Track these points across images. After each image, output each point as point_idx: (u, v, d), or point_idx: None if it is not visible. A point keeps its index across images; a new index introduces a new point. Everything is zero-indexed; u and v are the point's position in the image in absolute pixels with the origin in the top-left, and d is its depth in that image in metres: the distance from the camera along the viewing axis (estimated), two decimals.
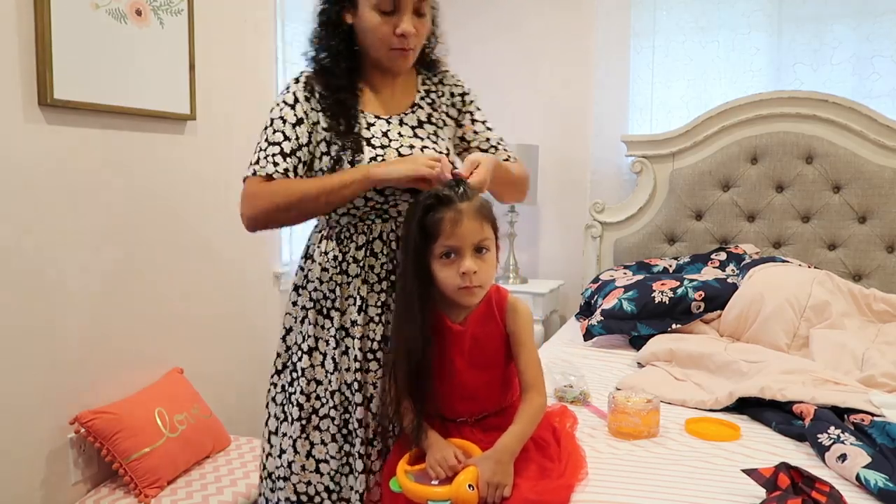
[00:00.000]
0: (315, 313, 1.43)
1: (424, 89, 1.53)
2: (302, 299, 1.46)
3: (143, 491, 1.78)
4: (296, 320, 1.46)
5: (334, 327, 1.41)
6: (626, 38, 3.09)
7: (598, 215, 3.13)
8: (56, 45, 1.72)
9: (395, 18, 1.34)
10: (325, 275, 1.42)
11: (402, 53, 1.38)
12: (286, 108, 1.38)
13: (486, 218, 1.26)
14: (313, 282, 1.44)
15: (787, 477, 1.18)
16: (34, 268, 1.73)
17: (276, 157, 1.36)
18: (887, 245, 2.69)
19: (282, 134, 1.37)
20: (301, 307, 1.45)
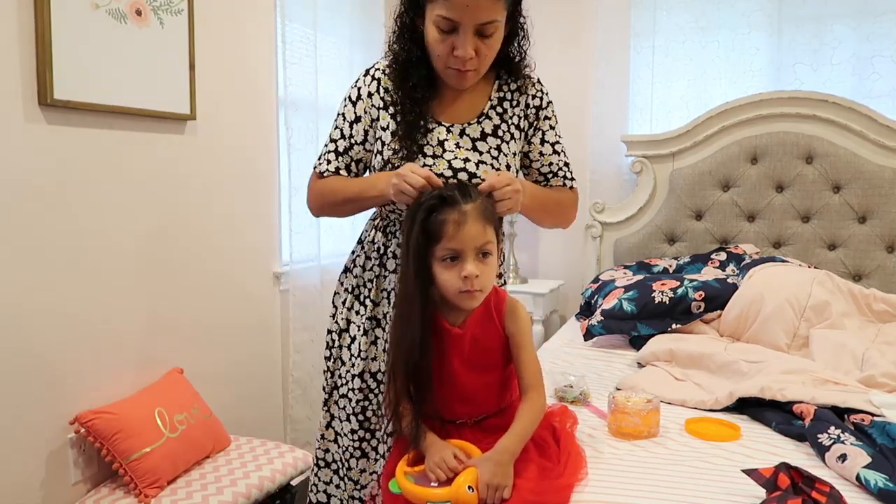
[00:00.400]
0: (353, 298, 1.53)
1: (498, 97, 1.48)
2: (347, 282, 1.56)
3: (143, 491, 1.78)
4: (341, 302, 1.57)
5: (366, 315, 1.50)
6: (626, 38, 3.09)
7: (598, 215, 3.13)
8: (56, 45, 1.72)
9: (453, 37, 1.30)
10: (369, 263, 1.52)
11: (459, 73, 1.35)
12: (348, 105, 1.46)
13: (489, 221, 1.24)
14: (357, 268, 1.54)
15: (787, 477, 1.18)
16: (33, 267, 1.73)
17: (329, 156, 1.47)
18: (887, 245, 2.69)
19: (339, 131, 1.46)
20: (345, 289, 1.56)
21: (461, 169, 1.39)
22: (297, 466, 2.09)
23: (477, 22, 1.27)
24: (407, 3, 1.38)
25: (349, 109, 1.46)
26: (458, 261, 1.22)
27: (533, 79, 1.53)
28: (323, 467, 1.59)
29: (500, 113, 1.46)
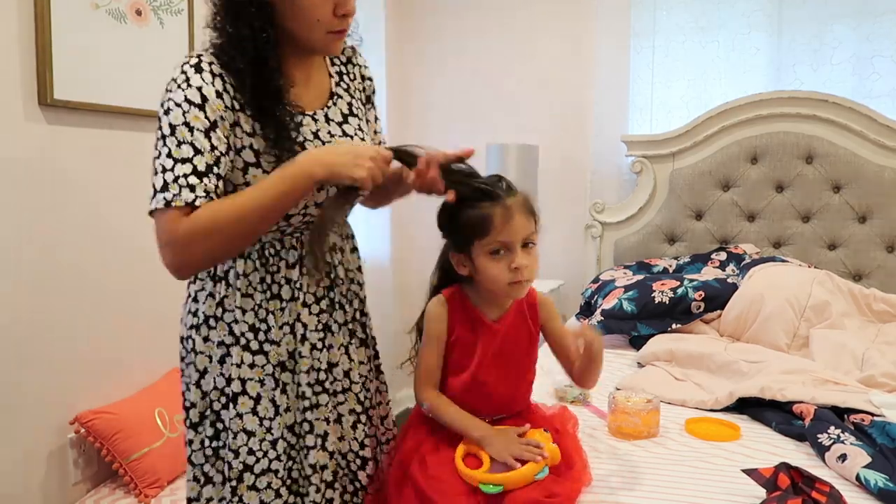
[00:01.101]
0: (241, 350, 1.18)
1: (336, 71, 1.31)
2: (217, 333, 1.19)
3: (143, 491, 1.78)
4: (211, 360, 1.19)
5: (270, 364, 1.19)
6: (626, 38, 3.09)
7: (598, 215, 3.13)
8: (56, 45, 1.72)
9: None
10: (250, 302, 1.18)
11: (340, 36, 1.18)
12: (192, 110, 1.08)
13: (532, 212, 1.26)
14: (232, 311, 1.18)
15: (788, 477, 1.18)
16: (34, 267, 1.73)
17: (189, 179, 1.06)
18: (887, 245, 2.69)
19: (191, 147, 1.07)
20: (217, 343, 1.19)
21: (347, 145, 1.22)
22: None
23: None
24: None
25: (195, 115, 1.07)
26: (507, 253, 1.23)
27: (356, 48, 1.38)
28: None
29: (345, 89, 1.30)
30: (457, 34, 3.42)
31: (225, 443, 1.19)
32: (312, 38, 1.16)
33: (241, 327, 1.18)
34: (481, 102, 3.40)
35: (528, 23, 3.29)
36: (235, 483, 1.18)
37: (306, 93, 1.23)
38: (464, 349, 1.31)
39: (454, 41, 3.43)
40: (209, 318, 1.20)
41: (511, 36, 3.32)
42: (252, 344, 1.19)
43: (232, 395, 1.18)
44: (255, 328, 1.19)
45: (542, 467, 1.18)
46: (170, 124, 1.09)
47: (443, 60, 3.47)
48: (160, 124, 1.10)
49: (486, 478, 1.16)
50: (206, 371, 1.20)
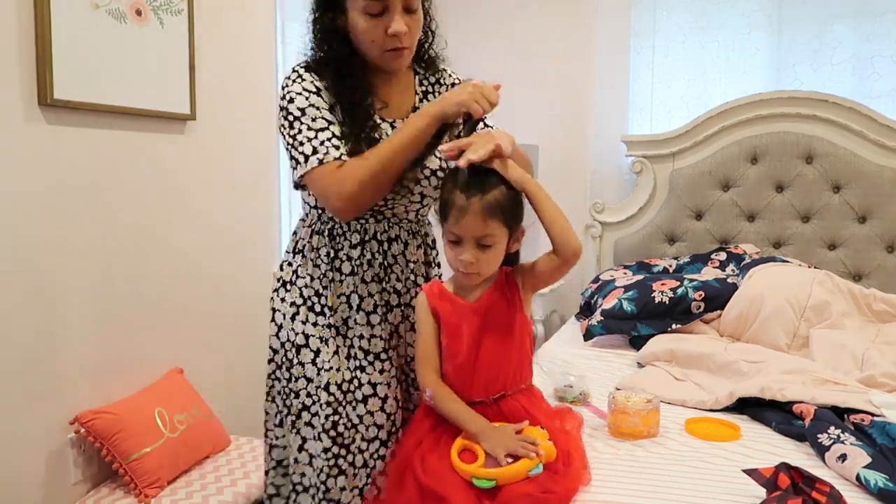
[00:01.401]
0: (306, 310, 1.42)
1: (422, 90, 1.51)
2: (291, 295, 1.44)
3: (143, 491, 1.78)
4: (285, 317, 1.44)
5: (325, 325, 1.40)
6: (626, 38, 3.09)
7: (598, 215, 3.13)
8: (56, 45, 1.71)
9: (385, 19, 1.30)
10: (317, 271, 1.42)
11: (397, 54, 1.34)
12: (313, 97, 1.32)
13: (493, 215, 1.26)
14: (304, 278, 1.43)
15: (788, 477, 1.18)
16: (34, 268, 1.73)
17: (332, 141, 1.29)
18: (887, 245, 2.69)
19: (323, 119, 1.31)
20: (290, 303, 1.43)
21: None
22: None
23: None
24: (325, 4, 1.36)
25: (317, 100, 1.32)
26: (460, 245, 1.29)
27: (447, 69, 1.57)
28: (301, 492, 1.43)
29: None
30: (457, 34, 3.40)
31: (291, 386, 1.43)
32: (374, 56, 1.35)
33: (308, 291, 1.42)
34: None
35: (528, 23, 3.29)
36: (295, 418, 1.42)
37: (389, 104, 1.41)
38: (452, 333, 1.33)
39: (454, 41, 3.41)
40: (286, 283, 1.46)
41: (511, 36, 3.32)
42: (315, 306, 1.42)
43: (297, 347, 1.41)
44: (318, 293, 1.42)
45: (537, 464, 1.18)
46: (298, 107, 1.32)
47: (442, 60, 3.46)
48: (287, 112, 1.33)
49: (480, 472, 1.17)
50: (282, 326, 1.45)
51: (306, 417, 1.41)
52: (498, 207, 1.27)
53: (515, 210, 1.32)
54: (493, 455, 1.20)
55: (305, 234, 1.45)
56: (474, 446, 1.24)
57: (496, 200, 1.27)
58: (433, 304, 1.36)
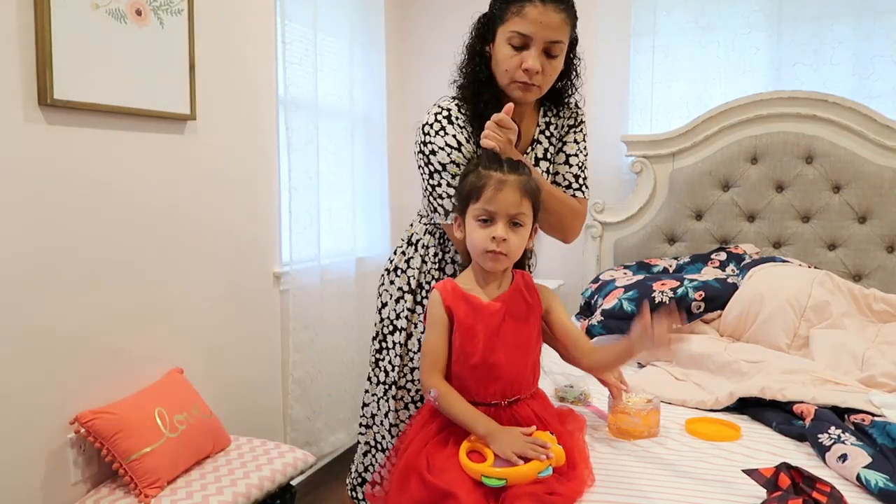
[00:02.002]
0: (412, 297, 1.65)
1: (545, 122, 1.64)
2: (400, 281, 1.68)
3: (143, 491, 1.78)
4: (391, 297, 1.69)
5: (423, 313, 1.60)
6: (626, 38, 3.09)
7: (598, 215, 3.13)
8: (56, 45, 1.71)
9: (524, 54, 1.44)
10: (425, 266, 1.64)
11: (523, 86, 1.47)
12: (454, 153, 1.50)
13: (528, 195, 1.32)
14: (413, 269, 1.65)
15: (788, 477, 1.18)
16: (34, 267, 1.73)
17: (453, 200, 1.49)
18: (887, 245, 2.69)
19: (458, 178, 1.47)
20: (398, 287, 1.67)
21: None
22: (296, 466, 2.08)
23: (547, 39, 1.43)
24: (479, 30, 1.55)
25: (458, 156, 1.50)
26: (492, 223, 1.31)
27: (575, 103, 1.68)
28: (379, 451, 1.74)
29: (548, 137, 1.63)
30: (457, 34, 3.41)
31: (384, 357, 1.71)
32: (503, 83, 1.51)
33: (414, 282, 1.65)
34: None
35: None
36: (387, 388, 1.70)
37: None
38: (467, 334, 1.32)
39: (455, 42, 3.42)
40: (397, 269, 1.69)
41: None
42: (417, 296, 1.65)
43: (400, 328, 1.67)
44: (422, 285, 1.65)
45: (547, 466, 1.18)
46: (440, 162, 1.52)
47: (443, 60, 3.45)
48: (428, 161, 1.53)
49: (490, 471, 1.17)
50: (385, 304, 1.71)
51: (394, 391, 1.68)
52: (530, 187, 1.33)
53: (539, 198, 1.38)
54: (505, 457, 1.20)
55: (420, 230, 1.67)
56: (482, 448, 1.24)
57: (528, 181, 1.34)
58: (447, 302, 1.35)
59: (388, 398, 1.71)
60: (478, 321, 1.32)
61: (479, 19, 1.56)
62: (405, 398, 1.70)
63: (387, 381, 1.71)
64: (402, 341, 1.67)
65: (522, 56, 1.45)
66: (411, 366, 1.68)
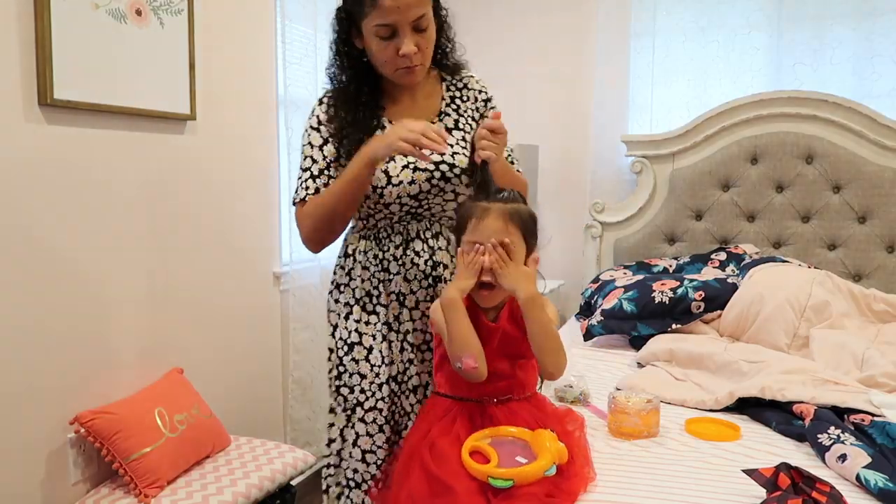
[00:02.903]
0: (360, 310, 1.53)
1: (449, 95, 1.59)
2: (345, 296, 1.56)
3: (143, 491, 1.78)
4: (339, 317, 1.56)
5: (380, 322, 1.52)
6: (626, 39, 3.09)
7: (598, 215, 3.13)
8: (56, 45, 1.71)
9: (396, 41, 1.40)
10: (366, 273, 1.53)
11: (408, 71, 1.44)
12: (313, 133, 1.50)
13: (512, 221, 1.30)
14: (356, 279, 1.54)
15: (788, 477, 1.18)
16: (33, 267, 1.73)
17: (307, 182, 1.48)
18: (887, 245, 2.69)
19: (310, 159, 1.49)
20: (344, 304, 1.56)
21: (440, 162, 1.47)
22: (297, 466, 2.08)
23: (411, 19, 1.38)
24: (340, 28, 1.48)
25: (314, 136, 1.50)
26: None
27: (474, 76, 1.66)
28: (353, 487, 1.55)
29: (455, 109, 1.58)
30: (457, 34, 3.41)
31: (344, 381, 1.54)
32: (388, 74, 1.46)
33: (360, 292, 1.53)
34: None
35: (528, 23, 3.29)
36: (350, 413, 1.53)
37: (413, 110, 1.52)
38: None
39: None
40: (340, 285, 1.57)
41: (511, 36, 3.32)
42: (367, 306, 1.53)
43: (351, 345, 1.53)
44: (370, 294, 1.53)
45: (552, 465, 1.18)
46: (301, 144, 1.52)
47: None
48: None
49: (496, 472, 1.17)
50: (336, 326, 1.57)
51: (360, 413, 1.52)
52: (518, 216, 1.31)
53: (533, 227, 1.35)
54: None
55: (353, 240, 1.57)
56: (485, 447, 1.24)
57: (516, 210, 1.32)
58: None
59: (352, 424, 1.52)
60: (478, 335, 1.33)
61: (338, 15, 1.48)
62: (377, 420, 1.51)
63: (348, 407, 1.53)
64: (361, 357, 1.52)
65: (395, 43, 1.40)
66: (378, 382, 1.51)
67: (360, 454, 1.52)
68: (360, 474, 1.53)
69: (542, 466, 1.17)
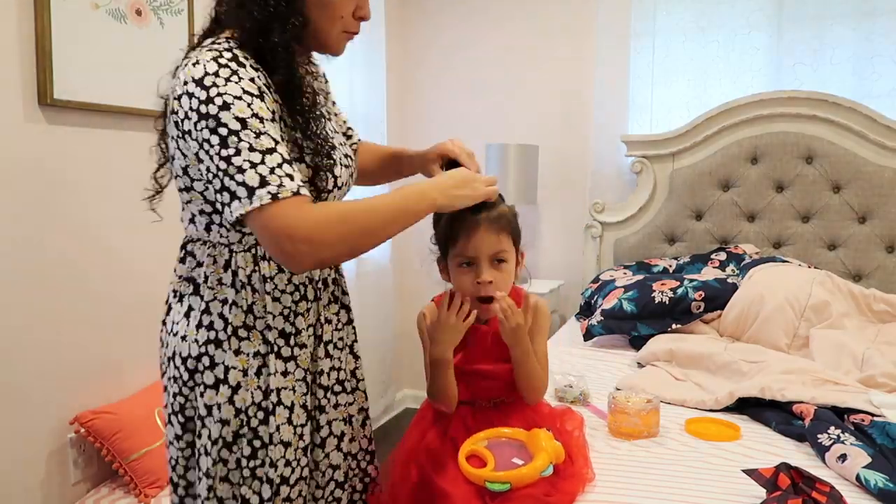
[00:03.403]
0: (275, 359, 1.12)
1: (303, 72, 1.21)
2: (250, 344, 1.12)
3: (143, 491, 1.78)
4: (246, 374, 1.11)
5: (301, 368, 1.16)
6: (626, 39, 3.08)
7: (598, 215, 3.13)
8: (56, 45, 1.72)
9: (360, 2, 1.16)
10: (278, 306, 1.13)
11: (350, 37, 1.19)
12: (255, 101, 1.02)
13: (503, 229, 1.27)
14: (264, 318, 1.12)
15: (788, 477, 1.18)
16: (34, 267, 1.73)
17: (283, 168, 1.00)
18: (887, 245, 2.69)
19: (269, 138, 1.01)
20: (253, 354, 1.12)
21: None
22: None
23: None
24: None
25: (260, 106, 1.02)
26: (473, 266, 1.27)
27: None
28: None
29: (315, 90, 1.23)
30: (457, 34, 3.42)
31: (263, 461, 1.12)
32: (331, 33, 1.15)
33: (273, 334, 1.12)
34: (481, 102, 3.40)
35: (528, 23, 3.29)
36: (273, 495, 1.12)
37: None
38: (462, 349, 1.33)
39: (455, 41, 3.43)
40: (238, 329, 1.12)
41: (511, 36, 3.32)
42: (283, 350, 1.14)
43: (271, 408, 1.12)
44: (286, 333, 1.14)
45: (548, 465, 1.18)
46: (236, 118, 0.99)
47: (443, 60, 3.47)
48: (218, 122, 0.99)
49: (494, 476, 1.16)
50: (238, 386, 1.11)
51: (285, 492, 1.13)
52: (506, 221, 1.28)
53: (518, 226, 1.33)
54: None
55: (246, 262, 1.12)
56: (481, 451, 1.23)
57: (502, 215, 1.28)
58: None
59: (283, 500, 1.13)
60: (468, 339, 1.32)
61: None
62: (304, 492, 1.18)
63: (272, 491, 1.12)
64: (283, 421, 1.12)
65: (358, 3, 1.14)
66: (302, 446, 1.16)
67: None
68: None
69: (539, 467, 1.17)
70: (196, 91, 1.01)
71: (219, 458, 1.12)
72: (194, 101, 1.01)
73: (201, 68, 1.02)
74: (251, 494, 1.13)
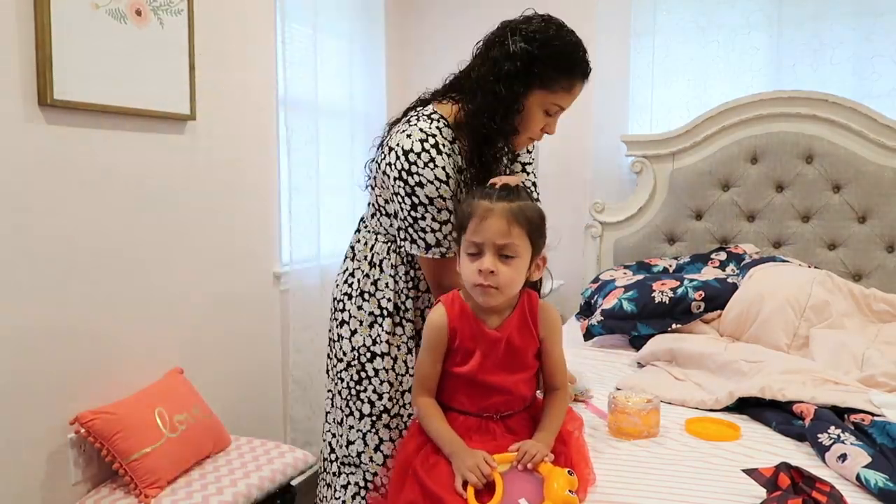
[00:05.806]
0: (390, 321, 1.53)
1: None
2: (369, 305, 1.55)
3: (143, 491, 1.78)
4: (362, 324, 1.55)
5: (406, 335, 1.55)
6: (626, 38, 3.09)
7: (598, 215, 3.13)
8: (56, 45, 1.71)
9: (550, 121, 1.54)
10: (397, 286, 1.54)
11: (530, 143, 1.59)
12: (443, 186, 1.39)
13: (517, 222, 1.22)
14: (383, 290, 1.54)
15: (788, 477, 1.18)
16: (34, 267, 1.73)
17: (451, 235, 1.42)
18: (887, 245, 2.69)
19: (447, 212, 1.42)
20: (369, 312, 1.54)
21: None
22: (297, 466, 2.09)
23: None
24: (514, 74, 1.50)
25: (445, 189, 1.40)
26: (480, 255, 1.24)
27: None
28: (371, 490, 1.56)
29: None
30: (457, 34, 3.41)
31: (366, 387, 1.55)
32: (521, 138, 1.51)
33: (389, 304, 1.53)
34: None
35: None
36: (375, 419, 1.55)
37: None
38: (463, 356, 1.30)
39: (454, 41, 3.42)
40: (364, 293, 1.55)
41: None
42: (394, 317, 1.54)
43: (380, 353, 1.53)
44: (396, 306, 1.54)
45: None
46: (427, 196, 1.40)
47: (443, 60, 3.45)
48: (413, 193, 1.40)
49: None
50: (355, 332, 1.55)
51: (385, 419, 1.55)
52: (523, 215, 1.23)
53: (541, 226, 1.29)
54: (459, 474, 1.16)
55: (382, 250, 1.55)
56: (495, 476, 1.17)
57: (521, 209, 1.23)
58: (454, 323, 1.30)
59: (376, 430, 1.55)
60: (477, 346, 1.30)
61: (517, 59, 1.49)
62: (399, 426, 1.57)
63: (373, 413, 1.55)
64: (387, 367, 1.54)
65: (548, 122, 1.53)
66: (402, 389, 1.56)
67: (381, 458, 1.55)
68: (381, 478, 1.56)
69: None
70: (401, 159, 1.40)
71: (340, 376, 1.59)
72: (398, 164, 1.41)
73: (409, 143, 1.41)
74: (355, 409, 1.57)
